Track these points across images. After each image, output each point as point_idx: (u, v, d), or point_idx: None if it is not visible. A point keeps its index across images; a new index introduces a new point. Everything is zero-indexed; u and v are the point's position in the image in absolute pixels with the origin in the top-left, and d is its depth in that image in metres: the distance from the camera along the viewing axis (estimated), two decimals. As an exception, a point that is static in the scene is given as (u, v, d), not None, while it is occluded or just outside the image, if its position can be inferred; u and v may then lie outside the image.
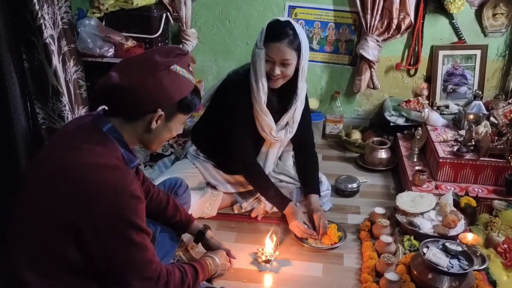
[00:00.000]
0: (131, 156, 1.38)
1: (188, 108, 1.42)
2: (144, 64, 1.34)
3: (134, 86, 1.29)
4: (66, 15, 2.07)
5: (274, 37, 1.94)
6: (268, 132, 2.13)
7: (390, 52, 3.08)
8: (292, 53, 1.94)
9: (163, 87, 1.32)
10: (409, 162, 2.58)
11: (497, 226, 2.06)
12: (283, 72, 1.98)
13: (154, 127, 1.36)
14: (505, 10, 2.88)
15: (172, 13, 3.02)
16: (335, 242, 2.05)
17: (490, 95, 3.01)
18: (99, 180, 1.26)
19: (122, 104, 1.32)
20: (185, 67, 1.38)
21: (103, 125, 1.34)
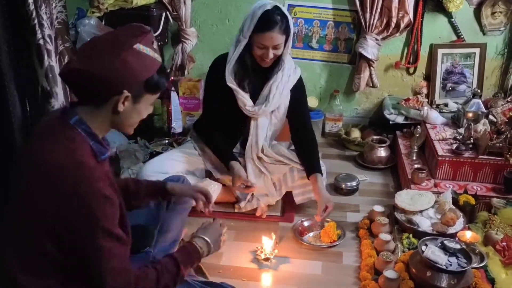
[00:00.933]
0: (101, 148, 1.34)
1: (155, 88, 1.37)
2: (105, 45, 1.29)
3: (96, 69, 1.25)
4: (60, 14, 2.06)
5: (266, 27, 2.01)
6: (243, 106, 2.21)
7: (389, 50, 3.09)
8: (283, 37, 2.05)
9: (127, 67, 1.27)
10: (408, 160, 2.59)
11: (496, 224, 2.07)
12: (275, 53, 2.08)
13: (121, 109, 1.32)
14: (503, 9, 2.88)
15: (172, 12, 3.02)
16: (334, 240, 2.06)
17: (489, 93, 3.02)
18: (65, 179, 1.24)
19: (86, 89, 1.28)
20: (149, 45, 1.32)
21: (69, 118, 1.31)
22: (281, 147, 2.39)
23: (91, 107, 1.33)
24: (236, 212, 2.28)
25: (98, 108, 1.33)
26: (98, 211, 1.25)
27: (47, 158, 1.27)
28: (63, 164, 1.25)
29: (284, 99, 2.25)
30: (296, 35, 3.13)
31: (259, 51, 2.07)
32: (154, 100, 1.43)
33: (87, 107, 1.33)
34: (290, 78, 2.23)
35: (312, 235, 2.13)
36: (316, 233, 2.14)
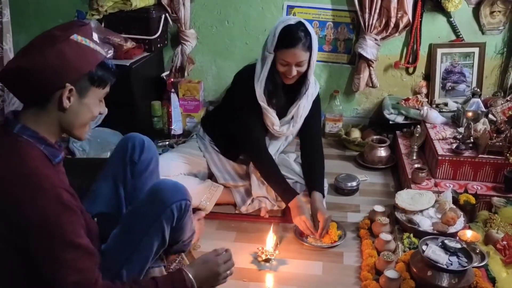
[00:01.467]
0: (54, 151, 1.29)
1: (102, 80, 1.31)
2: (41, 41, 1.25)
3: (34, 63, 1.20)
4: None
5: (289, 43, 1.98)
6: (271, 126, 2.20)
7: (388, 50, 3.09)
8: (306, 54, 2.01)
9: (65, 57, 1.22)
10: (408, 160, 2.59)
11: (496, 223, 2.07)
12: (299, 70, 2.05)
13: (67, 105, 1.26)
14: (502, 8, 2.88)
15: (171, 14, 3.03)
16: (335, 240, 2.06)
17: (489, 93, 3.02)
18: (19, 190, 1.19)
19: (26, 87, 1.23)
20: (87, 36, 1.28)
21: (12, 128, 1.25)
22: (288, 159, 2.38)
23: (35, 110, 1.27)
24: (237, 213, 2.28)
25: (43, 109, 1.27)
26: (56, 221, 1.20)
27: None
28: (15, 173, 1.20)
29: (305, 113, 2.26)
30: (296, 36, 3.14)
31: (282, 68, 2.04)
32: (103, 95, 1.36)
33: (30, 111, 1.27)
34: (313, 96, 2.24)
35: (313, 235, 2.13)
36: (317, 233, 2.14)
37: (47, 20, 3.16)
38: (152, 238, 1.50)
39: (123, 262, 1.46)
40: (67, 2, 3.13)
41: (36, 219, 1.19)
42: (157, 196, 1.52)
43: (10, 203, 1.19)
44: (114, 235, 1.49)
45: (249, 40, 3.16)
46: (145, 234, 1.48)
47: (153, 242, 1.51)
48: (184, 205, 1.54)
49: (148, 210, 1.51)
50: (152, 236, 1.50)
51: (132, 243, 1.48)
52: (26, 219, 1.19)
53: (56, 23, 3.28)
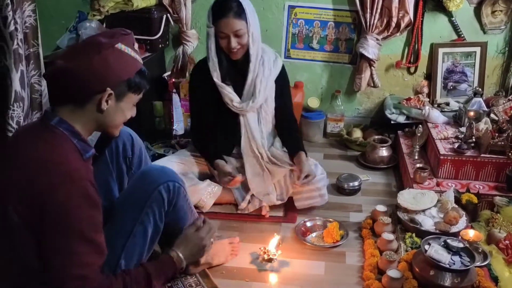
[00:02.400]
0: (85, 146, 1.36)
1: (138, 87, 1.41)
2: (87, 46, 1.34)
3: (80, 66, 1.29)
4: (28, 18, 2.02)
5: (219, 13, 2.03)
6: (230, 103, 2.21)
7: (390, 50, 3.09)
8: (241, 22, 2.04)
9: (109, 64, 1.31)
10: (410, 159, 2.59)
11: (499, 222, 2.06)
12: (240, 42, 2.07)
13: (105, 107, 1.34)
14: (504, 7, 2.88)
15: (172, 14, 3.03)
16: (337, 240, 2.06)
17: (490, 92, 3.02)
18: (48, 174, 1.25)
19: (70, 87, 1.31)
20: (129, 45, 1.38)
21: (50, 120, 1.33)
22: (274, 149, 2.38)
23: (74, 107, 1.34)
24: (239, 213, 2.28)
25: (81, 107, 1.34)
26: (77, 211, 1.25)
27: (30, 156, 1.28)
28: (46, 159, 1.26)
29: (270, 91, 2.26)
30: (297, 36, 3.14)
31: (223, 42, 2.08)
32: (137, 100, 1.45)
33: (68, 107, 1.34)
34: (271, 71, 2.23)
35: (315, 235, 2.13)
36: (319, 233, 2.14)
37: (48, 20, 3.16)
38: (145, 224, 1.52)
39: (120, 252, 1.48)
40: (69, 3, 3.13)
41: (59, 206, 1.23)
42: (144, 180, 1.55)
43: (38, 187, 1.24)
44: (108, 227, 1.50)
45: (250, 40, 3.16)
46: (136, 220, 1.51)
47: (146, 228, 1.53)
48: (173, 186, 1.56)
49: (137, 195, 1.54)
50: (144, 222, 1.52)
51: (125, 230, 1.50)
52: (49, 204, 1.23)
53: (58, 23, 3.32)
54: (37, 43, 2.09)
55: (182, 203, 1.64)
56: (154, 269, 1.47)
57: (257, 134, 2.27)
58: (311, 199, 2.27)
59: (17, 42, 1.89)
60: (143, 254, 1.55)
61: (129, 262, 1.50)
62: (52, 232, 1.25)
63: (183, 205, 1.66)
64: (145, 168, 1.65)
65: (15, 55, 1.89)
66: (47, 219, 1.24)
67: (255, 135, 2.26)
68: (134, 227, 1.51)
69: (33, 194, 1.24)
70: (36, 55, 2.09)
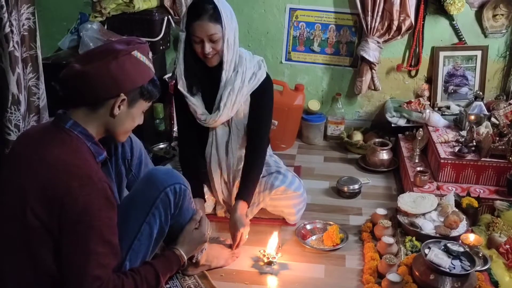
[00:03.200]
0: (98, 149, 1.40)
1: (150, 95, 1.45)
2: (105, 52, 1.37)
3: (97, 71, 1.32)
4: (27, 21, 2.01)
5: (194, 16, 1.91)
6: (194, 114, 2.07)
7: (391, 53, 3.09)
8: (216, 26, 1.90)
9: (125, 70, 1.35)
10: (411, 163, 2.59)
11: (499, 226, 2.06)
12: (214, 47, 1.93)
13: (117, 112, 1.38)
14: (505, 11, 2.88)
15: (174, 16, 3.03)
16: (337, 243, 2.06)
17: (491, 96, 3.02)
18: (70, 176, 1.27)
19: (86, 91, 1.34)
20: (145, 54, 1.42)
21: (64, 123, 1.35)
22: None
23: (87, 110, 1.37)
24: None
25: (94, 111, 1.37)
26: (98, 213, 1.27)
27: (49, 159, 1.29)
28: (67, 162, 1.29)
29: (244, 106, 2.08)
30: (298, 39, 3.14)
31: (197, 47, 1.93)
32: (146, 108, 1.49)
33: (81, 110, 1.37)
34: (250, 82, 2.03)
35: (315, 238, 2.13)
36: (319, 236, 2.14)
37: (50, 22, 3.17)
38: (151, 225, 1.54)
39: (126, 253, 1.50)
40: (70, 4, 3.14)
41: (80, 207, 1.25)
42: (151, 182, 1.56)
43: (60, 189, 1.26)
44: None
45: (251, 42, 3.17)
46: (143, 221, 1.53)
47: (152, 229, 1.55)
48: (179, 188, 1.58)
49: (144, 197, 1.55)
50: (151, 223, 1.54)
51: (131, 232, 1.51)
52: (70, 205, 1.25)
53: (60, 25, 3.32)
54: (35, 45, 2.08)
55: (187, 205, 1.66)
56: (161, 266, 1.52)
57: (222, 151, 2.13)
58: (284, 215, 2.20)
59: (12, 44, 1.88)
60: (147, 255, 1.57)
61: (134, 263, 1.52)
62: (72, 233, 1.27)
63: (188, 207, 1.67)
64: (152, 170, 1.66)
65: (11, 57, 1.89)
66: (68, 220, 1.26)
67: (220, 151, 2.13)
68: (140, 228, 1.52)
69: (53, 196, 1.26)
70: (34, 58, 2.08)
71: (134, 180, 1.80)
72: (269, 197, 2.14)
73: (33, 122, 2.09)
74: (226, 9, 1.95)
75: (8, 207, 1.31)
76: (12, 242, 1.31)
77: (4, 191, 1.34)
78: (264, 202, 2.16)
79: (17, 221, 1.29)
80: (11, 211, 1.30)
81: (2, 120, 1.96)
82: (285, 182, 2.14)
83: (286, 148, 3.06)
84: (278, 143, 2.99)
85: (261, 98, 2.09)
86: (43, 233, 1.27)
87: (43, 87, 2.16)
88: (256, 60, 2.09)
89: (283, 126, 2.95)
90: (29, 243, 1.29)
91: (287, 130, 3.02)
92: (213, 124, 2.08)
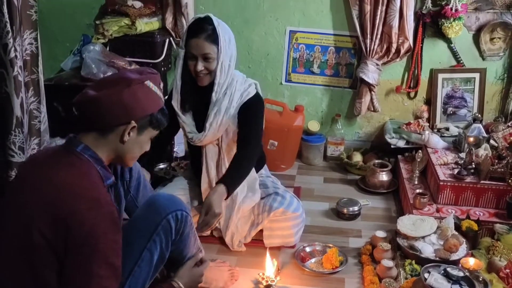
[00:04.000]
0: (107, 173, 1.42)
1: (158, 124, 1.49)
2: (118, 80, 1.43)
3: (110, 97, 1.37)
4: (30, 46, 2.04)
5: (192, 33, 1.96)
6: (184, 132, 2.13)
7: (390, 75, 3.12)
8: (211, 47, 1.94)
9: (137, 98, 1.40)
10: (410, 184, 2.59)
11: (499, 250, 2.05)
12: (207, 67, 1.97)
13: (126, 139, 1.42)
14: (502, 35, 2.92)
15: (175, 38, 3.07)
16: (336, 266, 2.05)
17: (490, 118, 3.03)
18: (79, 198, 1.28)
19: (98, 116, 1.38)
20: (156, 84, 1.47)
21: (75, 146, 1.39)
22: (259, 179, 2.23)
23: (97, 135, 1.40)
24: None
25: (105, 136, 1.41)
26: (103, 235, 1.28)
27: (58, 180, 1.31)
28: (75, 184, 1.30)
29: (232, 124, 2.09)
30: (298, 60, 3.18)
31: (190, 64, 1.98)
32: (153, 136, 1.52)
33: (92, 135, 1.40)
34: (234, 103, 2.05)
35: (314, 261, 2.12)
36: (318, 259, 2.13)
37: (53, 43, 3.22)
38: (152, 251, 1.55)
39: (126, 278, 1.49)
40: (74, 26, 3.19)
41: (87, 230, 1.26)
42: (153, 208, 1.58)
43: (66, 211, 1.27)
44: None
45: (252, 64, 3.20)
46: (144, 247, 1.53)
47: (153, 255, 1.55)
48: (181, 215, 1.59)
49: (145, 222, 1.56)
50: (151, 249, 1.55)
51: (132, 257, 1.52)
52: (77, 227, 1.26)
53: (63, 46, 3.36)
54: (37, 70, 2.10)
55: (188, 232, 1.66)
56: None
57: (212, 170, 2.16)
58: (281, 238, 2.17)
59: (17, 69, 1.91)
60: (147, 280, 1.57)
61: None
62: (76, 254, 1.28)
63: (189, 233, 1.68)
64: (154, 196, 1.67)
65: (16, 81, 1.91)
66: (73, 241, 1.27)
67: (210, 169, 2.15)
68: (141, 254, 1.53)
69: (60, 217, 1.27)
70: (35, 82, 2.10)
71: (132, 201, 1.81)
72: (268, 219, 2.14)
73: (34, 145, 2.10)
74: (226, 34, 1.99)
75: (14, 227, 1.32)
76: (16, 262, 1.32)
77: (10, 212, 1.35)
78: (263, 224, 2.16)
79: (23, 242, 1.29)
80: (17, 232, 1.31)
81: (5, 142, 1.97)
82: (283, 203, 2.14)
83: (286, 169, 3.06)
84: (278, 164, 3.00)
85: (249, 110, 2.09)
86: (48, 253, 1.28)
87: (44, 110, 2.18)
88: (248, 83, 2.12)
89: (283, 147, 2.96)
90: (34, 264, 1.30)
91: (287, 151, 3.03)
92: (200, 143, 2.12)
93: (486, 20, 2.91)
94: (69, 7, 3.20)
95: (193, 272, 1.71)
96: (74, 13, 3.20)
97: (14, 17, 1.88)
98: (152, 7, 2.98)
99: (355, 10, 2.92)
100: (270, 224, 2.16)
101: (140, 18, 2.88)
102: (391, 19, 2.86)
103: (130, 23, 2.86)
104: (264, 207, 2.15)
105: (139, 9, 2.89)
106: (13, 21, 1.88)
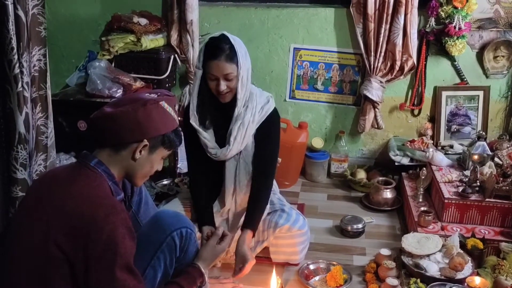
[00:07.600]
0: (117, 189, 1.45)
1: (170, 144, 1.52)
2: (135, 99, 1.47)
3: (125, 114, 1.41)
4: (38, 62, 2.06)
5: (211, 55, 1.94)
6: (205, 148, 2.10)
7: (394, 92, 3.12)
8: (232, 66, 1.95)
9: (151, 117, 1.44)
10: (415, 202, 2.57)
11: (505, 269, 2.02)
12: (229, 85, 1.98)
13: (138, 156, 1.44)
14: (505, 53, 2.93)
15: (180, 54, 3.10)
16: (340, 284, 2.03)
17: (494, 135, 3.02)
18: (96, 208, 1.31)
19: (113, 132, 1.42)
20: (171, 106, 1.51)
21: (89, 161, 1.42)
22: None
23: (110, 151, 1.44)
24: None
25: (117, 152, 1.44)
26: (122, 241, 1.31)
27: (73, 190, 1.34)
28: (91, 193, 1.34)
29: (251, 137, 2.11)
30: (302, 77, 3.19)
31: (211, 84, 1.98)
32: (165, 156, 1.55)
33: (106, 151, 1.44)
34: (255, 117, 2.07)
35: (318, 279, 2.10)
36: (322, 276, 2.11)
37: (59, 59, 3.25)
38: (155, 268, 1.56)
39: None
40: (79, 42, 3.22)
41: (106, 236, 1.28)
42: (157, 225, 1.59)
43: (85, 221, 1.29)
44: None
45: (256, 81, 3.21)
46: (148, 264, 1.55)
47: (156, 272, 1.56)
48: (185, 232, 1.61)
49: (150, 239, 1.57)
50: (155, 266, 1.56)
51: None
52: (97, 234, 1.28)
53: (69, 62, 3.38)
54: (45, 86, 2.12)
55: (192, 249, 1.68)
56: (186, 283, 1.56)
57: (230, 184, 2.14)
58: (286, 255, 2.17)
59: (21, 84, 1.92)
60: None
61: None
62: (98, 262, 1.29)
63: (193, 250, 1.69)
64: (159, 213, 1.69)
65: (19, 97, 1.92)
66: (94, 248, 1.28)
67: (228, 184, 2.14)
68: (145, 271, 1.54)
69: (78, 226, 1.29)
70: (43, 98, 2.12)
71: (133, 217, 1.80)
72: (273, 236, 2.13)
73: (41, 161, 2.11)
74: (242, 48, 2.00)
75: (28, 241, 1.33)
76: (32, 276, 1.32)
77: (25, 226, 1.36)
78: (268, 240, 2.14)
79: (38, 255, 1.30)
80: (31, 245, 1.32)
81: (8, 158, 1.98)
82: (289, 220, 2.13)
83: (290, 186, 3.06)
84: (282, 181, 2.99)
85: (268, 129, 2.12)
86: (64, 266, 1.29)
87: (51, 126, 2.20)
88: (265, 96, 2.14)
89: (287, 164, 2.95)
90: (48, 277, 1.30)
91: (290, 168, 3.03)
92: (224, 158, 2.10)
93: (490, 38, 2.92)
94: (75, 24, 3.23)
95: (216, 251, 1.76)
96: (80, 30, 3.23)
97: (21, 34, 1.90)
98: (158, 24, 3.01)
99: (359, 28, 2.95)
100: (276, 241, 2.15)
101: (146, 35, 2.91)
102: (394, 37, 2.88)
103: (135, 39, 2.89)
104: (270, 224, 2.14)
105: (145, 26, 2.93)
106: (20, 37, 1.90)
